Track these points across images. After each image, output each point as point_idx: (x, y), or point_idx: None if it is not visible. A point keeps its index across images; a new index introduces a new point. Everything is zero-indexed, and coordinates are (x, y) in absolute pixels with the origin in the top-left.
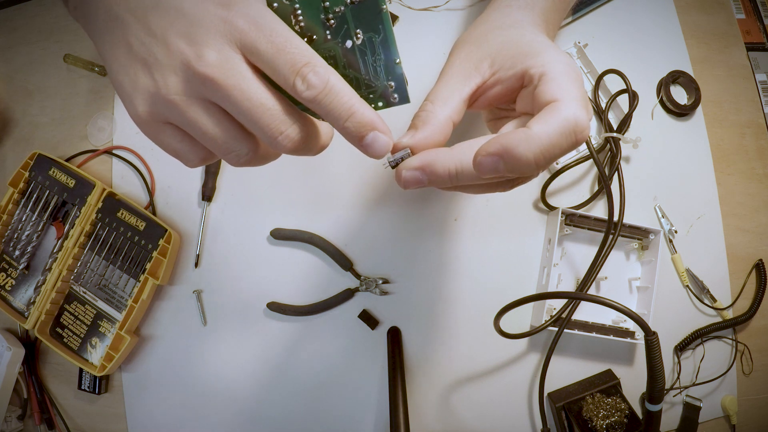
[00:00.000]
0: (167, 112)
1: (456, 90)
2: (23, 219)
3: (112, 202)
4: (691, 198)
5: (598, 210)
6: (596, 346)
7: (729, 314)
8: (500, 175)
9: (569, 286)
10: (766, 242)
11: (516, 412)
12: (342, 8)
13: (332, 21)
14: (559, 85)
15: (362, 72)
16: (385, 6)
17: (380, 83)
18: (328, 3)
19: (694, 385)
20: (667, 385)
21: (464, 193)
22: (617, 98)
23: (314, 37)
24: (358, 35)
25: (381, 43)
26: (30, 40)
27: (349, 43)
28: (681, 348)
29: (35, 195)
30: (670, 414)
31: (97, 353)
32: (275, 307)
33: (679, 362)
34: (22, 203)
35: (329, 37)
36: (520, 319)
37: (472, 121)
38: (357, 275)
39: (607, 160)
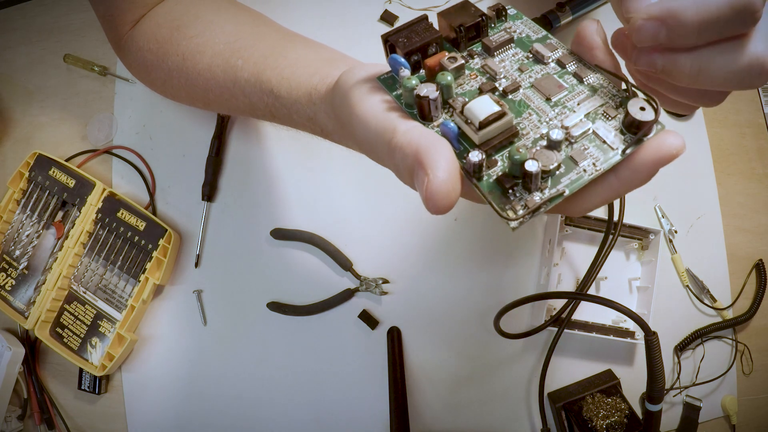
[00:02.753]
0: None
1: None
2: (23, 219)
3: (112, 202)
4: (691, 198)
5: (598, 210)
6: (596, 346)
7: (729, 314)
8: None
9: (569, 286)
10: (766, 242)
11: (516, 412)
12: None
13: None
14: None
15: None
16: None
17: None
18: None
19: (694, 385)
20: (667, 385)
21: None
22: None
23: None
24: None
25: None
26: (30, 40)
27: None
28: (681, 348)
29: (35, 195)
30: (670, 414)
31: (97, 353)
32: (275, 306)
33: (679, 362)
34: (22, 203)
35: None
36: (520, 319)
37: None
38: (357, 275)
39: None
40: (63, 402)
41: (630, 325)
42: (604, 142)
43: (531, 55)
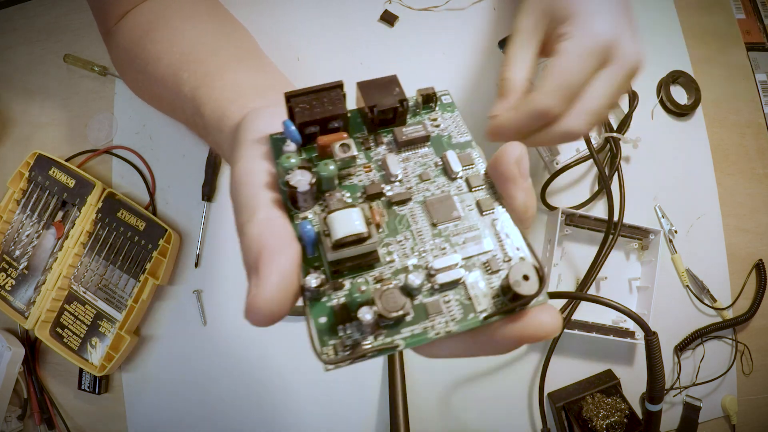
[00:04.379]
0: None
1: (524, 48)
2: (23, 219)
3: (112, 202)
4: (691, 198)
5: (598, 210)
6: (596, 346)
7: (729, 314)
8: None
9: (569, 286)
10: (766, 242)
11: (516, 412)
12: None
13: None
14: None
15: None
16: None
17: None
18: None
19: (694, 385)
20: (667, 385)
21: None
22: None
23: None
24: None
25: None
26: (30, 40)
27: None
28: (681, 348)
29: (35, 195)
30: (670, 414)
31: (97, 353)
32: None
33: (679, 362)
34: (22, 203)
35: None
36: None
37: None
38: None
39: (607, 160)
40: (63, 402)
41: (630, 325)
42: (470, 299)
43: (441, 163)
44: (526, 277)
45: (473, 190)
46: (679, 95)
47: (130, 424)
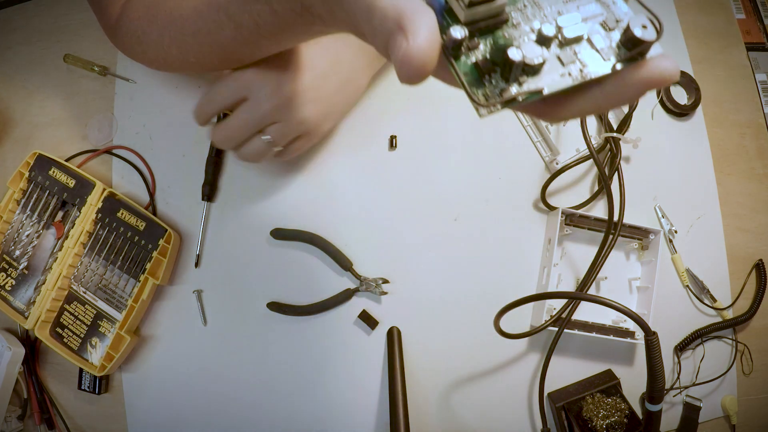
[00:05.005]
0: None
1: None
2: (23, 219)
3: (112, 202)
4: (691, 198)
5: (598, 210)
6: (596, 346)
7: (729, 314)
8: None
9: (569, 286)
10: (766, 242)
11: (516, 412)
12: None
13: None
14: None
15: None
16: None
17: None
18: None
19: (694, 385)
20: (667, 385)
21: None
22: None
23: None
24: None
25: None
26: (30, 40)
27: None
28: (681, 348)
29: (35, 195)
30: (670, 414)
31: (97, 353)
32: (275, 307)
33: (679, 362)
34: (22, 203)
35: None
36: (520, 319)
37: None
38: (357, 275)
39: (607, 160)
40: (63, 402)
41: (630, 325)
42: (597, 51)
43: None
44: (644, 26)
45: None
46: (679, 95)
47: (130, 424)
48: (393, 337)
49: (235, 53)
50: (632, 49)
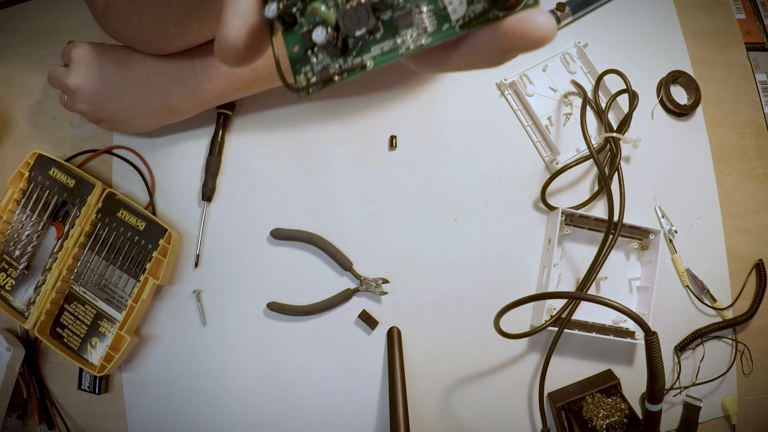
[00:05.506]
0: None
1: None
2: (23, 219)
3: (112, 202)
4: (691, 198)
5: (598, 210)
6: (596, 346)
7: (729, 314)
8: None
9: (569, 286)
10: (766, 242)
11: (516, 412)
12: None
13: None
14: None
15: None
16: None
17: None
18: None
19: (694, 385)
20: (667, 385)
21: None
22: (617, 98)
23: None
24: None
25: None
26: (30, 40)
27: None
28: (681, 348)
29: (35, 195)
30: (670, 414)
31: (97, 353)
32: (275, 307)
33: (679, 362)
34: (22, 203)
35: None
36: (520, 319)
37: None
38: (357, 275)
39: (607, 160)
40: (63, 402)
41: (630, 325)
42: (444, 8)
43: None
44: None
45: None
46: (679, 95)
47: (130, 424)
48: (393, 337)
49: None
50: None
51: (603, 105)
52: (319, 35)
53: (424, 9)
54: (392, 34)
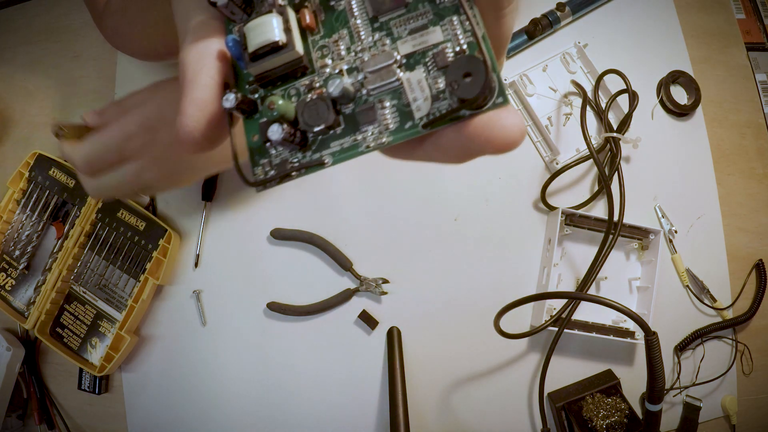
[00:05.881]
0: None
1: None
2: (23, 219)
3: (112, 202)
4: (691, 198)
5: (598, 210)
6: (596, 346)
7: (729, 314)
8: None
9: (569, 286)
10: (766, 242)
11: (516, 412)
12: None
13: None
14: None
15: None
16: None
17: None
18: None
19: (694, 385)
20: (667, 385)
21: None
22: (617, 98)
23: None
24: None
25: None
26: (30, 40)
27: None
28: (681, 348)
29: (35, 195)
30: (670, 414)
31: (97, 353)
32: (275, 307)
33: (679, 362)
34: (22, 203)
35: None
36: (520, 319)
37: None
38: (357, 275)
39: (607, 160)
40: (63, 402)
41: (630, 325)
42: (408, 105)
43: None
44: (467, 75)
45: None
46: (679, 95)
47: (130, 424)
48: (393, 337)
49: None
50: (460, 102)
51: (603, 105)
52: (274, 132)
53: (387, 104)
54: (353, 130)
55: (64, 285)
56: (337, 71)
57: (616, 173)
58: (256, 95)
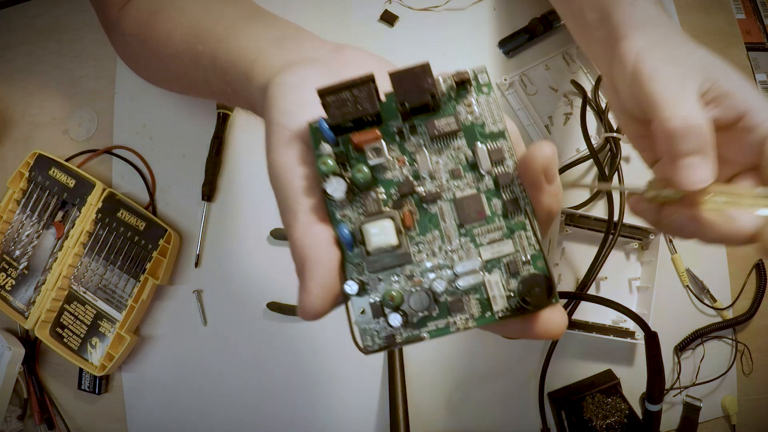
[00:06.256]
0: None
1: (694, 100)
2: (23, 219)
3: (113, 202)
4: None
5: (598, 210)
6: (596, 346)
7: (729, 314)
8: None
9: (569, 285)
10: None
11: (516, 412)
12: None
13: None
14: None
15: None
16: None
17: None
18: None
19: (694, 385)
20: (667, 385)
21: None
22: None
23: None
24: None
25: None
26: (30, 40)
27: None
28: (681, 348)
29: (35, 195)
30: (670, 414)
31: (97, 353)
32: (275, 307)
33: (679, 362)
34: (22, 203)
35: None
36: None
37: None
38: None
39: (607, 160)
40: (63, 402)
41: (630, 325)
42: (488, 299)
43: (472, 157)
44: (535, 286)
45: (501, 189)
46: None
47: (130, 424)
48: None
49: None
50: (525, 302)
51: (603, 105)
52: (394, 319)
53: (472, 297)
54: (445, 315)
55: (64, 285)
56: (430, 265)
57: (616, 173)
58: (363, 277)
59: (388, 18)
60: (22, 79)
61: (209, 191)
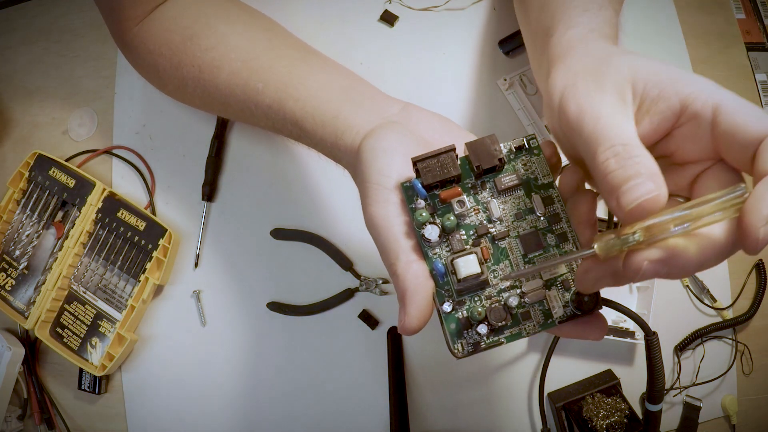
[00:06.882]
0: None
1: (625, 125)
2: (23, 219)
3: (112, 202)
4: None
5: (598, 210)
6: (596, 346)
7: (729, 314)
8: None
9: None
10: None
11: (516, 412)
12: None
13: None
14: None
15: None
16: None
17: None
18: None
19: (694, 385)
20: (667, 385)
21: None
22: None
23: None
24: None
25: None
26: (30, 40)
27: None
28: (681, 348)
29: (35, 195)
30: (670, 414)
31: (97, 353)
32: (275, 307)
33: (679, 362)
34: (22, 203)
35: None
36: None
37: None
38: (357, 275)
39: None
40: (63, 402)
41: (630, 325)
42: (549, 309)
43: (530, 203)
44: (586, 297)
45: (553, 227)
46: None
47: (130, 424)
48: (393, 337)
49: (270, 131)
50: (576, 308)
51: None
52: (482, 329)
53: (537, 308)
54: (517, 324)
55: (64, 285)
56: (504, 286)
57: None
58: (451, 300)
59: (388, 18)
60: (22, 79)
61: (209, 191)
